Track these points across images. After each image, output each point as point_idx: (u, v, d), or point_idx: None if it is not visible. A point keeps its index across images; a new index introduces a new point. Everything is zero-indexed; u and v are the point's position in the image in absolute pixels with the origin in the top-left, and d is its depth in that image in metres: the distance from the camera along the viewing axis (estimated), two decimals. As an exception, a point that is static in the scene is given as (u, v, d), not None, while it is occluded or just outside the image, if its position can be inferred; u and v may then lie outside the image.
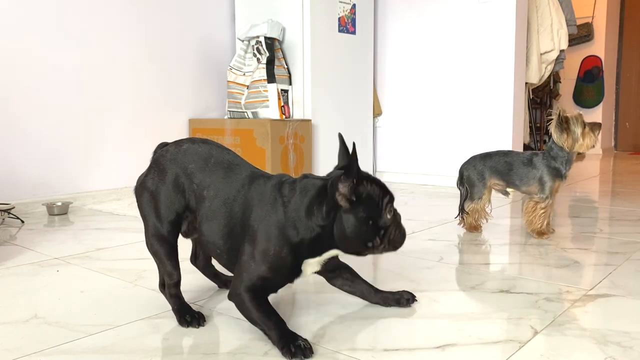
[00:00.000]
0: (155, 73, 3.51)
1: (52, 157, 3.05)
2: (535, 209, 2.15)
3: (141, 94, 3.45)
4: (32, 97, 2.96)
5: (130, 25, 3.36)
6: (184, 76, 3.68)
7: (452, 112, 3.81)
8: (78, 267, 1.83)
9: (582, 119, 2.11)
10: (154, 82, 3.51)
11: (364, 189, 1.15)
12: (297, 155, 3.42)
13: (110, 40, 3.26)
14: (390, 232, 1.19)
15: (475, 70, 3.68)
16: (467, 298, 1.50)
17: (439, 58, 3.85)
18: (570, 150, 2.10)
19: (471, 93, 3.71)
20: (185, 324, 1.30)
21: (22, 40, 2.91)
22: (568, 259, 1.89)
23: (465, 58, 3.72)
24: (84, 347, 1.19)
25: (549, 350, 1.16)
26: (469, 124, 3.73)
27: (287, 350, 1.11)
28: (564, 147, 2.10)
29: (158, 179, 1.33)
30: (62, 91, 3.07)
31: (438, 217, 2.68)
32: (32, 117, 2.96)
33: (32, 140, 2.96)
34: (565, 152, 2.12)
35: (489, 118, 3.63)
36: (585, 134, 2.09)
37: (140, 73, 3.43)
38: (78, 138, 3.15)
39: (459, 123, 3.78)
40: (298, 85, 3.58)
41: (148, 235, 1.34)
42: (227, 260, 1.28)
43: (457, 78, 3.77)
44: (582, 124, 2.09)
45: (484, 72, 3.64)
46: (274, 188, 1.22)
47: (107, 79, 3.26)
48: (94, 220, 2.68)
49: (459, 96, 3.77)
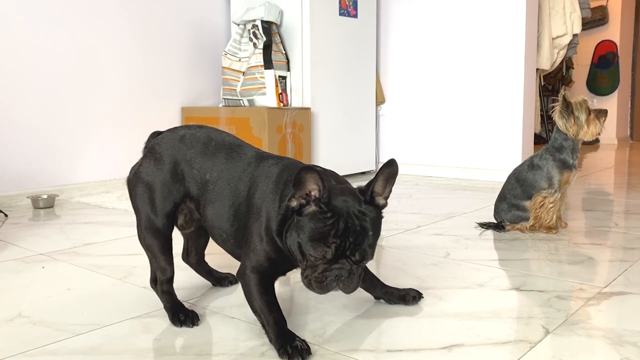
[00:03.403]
0: (146, 59, 3.49)
1: (38, 147, 3.04)
2: (544, 204, 2.15)
3: (131, 82, 3.43)
4: (16, 84, 2.94)
5: (120, 9, 3.33)
6: (176, 62, 3.67)
7: (459, 100, 3.79)
8: (65, 264, 1.83)
9: (586, 105, 2.10)
10: (144, 68, 3.49)
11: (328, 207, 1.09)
12: (295, 145, 3.41)
13: (99, 25, 3.24)
14: (313, 270, 1.11)
15: (483, 56, 3.66)
16: (475, 296, 1.49)
17: (445, 43, 3.83)
18: (575, 137, 2.10)
19: (479, 80, 3.69)
20: (178, 323, 1.29)
21: (7, 26, 2.89)
22: (581, 255, 1.88)
23: (473, 43, 3.70)
24: (70, 347, 1.19)
25: (561, 351, 1.15)
26: (476, 113, 3.72)
27: (284, 351, 1.11)
28: (568, 134, 2.10)
29: (154, 167, 1.32)
30: (49, 78, 3.05)
31: (444, 210, 2.67)
32: (17, 105, 2.95)
33: (17, 129, 2.95)
34: (570, 141, 2.12)
35: (498, 106, 3.62)
36: (590, 120, 2.09)
37: (130, 59, 3.41)
38: (65, 127, 3.14)
39: (466, 111, 3.77)
40: (297, 71, 3.56)
41: (141, 228, 1.34)
42: (235, 245, 1.28)
43: (464, 64, 3.75)
44: (587, 110, 2.09)
45: (492, 57, 3.62)
46: (285, 168, 1.23)
47: (96, 66, 3.25)
48: (82, 213, 2.68)
49: (466, 83, 3.75)
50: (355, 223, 1.09)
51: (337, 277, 1.10)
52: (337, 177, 1.23)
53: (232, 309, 1.40)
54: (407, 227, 2.30)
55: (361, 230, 1.09)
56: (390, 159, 1.13)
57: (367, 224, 1.10)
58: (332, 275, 1.10)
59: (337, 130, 3.78)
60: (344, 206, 1.09)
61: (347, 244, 1.08)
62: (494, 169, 3.61)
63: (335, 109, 3.74)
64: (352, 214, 1.09)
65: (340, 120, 3.80)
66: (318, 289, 1.11)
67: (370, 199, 1.13)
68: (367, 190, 1.13)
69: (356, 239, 1.09)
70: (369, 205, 1.12)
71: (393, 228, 2.28)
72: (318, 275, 1.10)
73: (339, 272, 1.10)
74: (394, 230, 2.25)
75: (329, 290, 1.12)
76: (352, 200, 1.11)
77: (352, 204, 1.10)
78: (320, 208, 1.09)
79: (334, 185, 1.15)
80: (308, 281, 1.12)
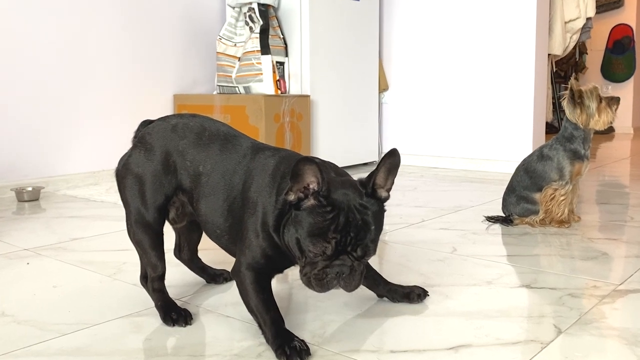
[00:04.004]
0: (136, 44, 3.48)
1: (22, 137, 3.03)
2: (554, 197, 2.15)
3: (121, 68, 3.42)
4: (0, 72, 2.94)
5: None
6: (167, 47, 3.65)
7: (467, 87, 3.78)
8: (50, 260, 1.82)
9: (597, 93, 2.11)
10: (134, 54, 3.48)
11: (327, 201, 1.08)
12: (294, 134, 3.40)
13: (87, 10, 3.22)
14: (312, 267, 1.11)
15: (492, 41, 3.65)
16: (483, 294, 1.49)
17: (452, 27, 3.82)
18: (585, 127, 2.11)
19: (488, 66, 3.68)
20: (170, 322, 1.29)
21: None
22: (595, 251, 1.88)
23: (482, 28, 3.68)
24: (56, 348, 1.19)
25: (574, 351, 1.15)
26: (485, 101, 3.71)
27: (282, 352, 1.11)
28: (578, 124, 2.11)
29: (145, 158, 1.32)
30: (34, 66, 3.04)
31: (450, 203, 2.67)
32: (1, 94, 2.95)
33: (0, 118, 2.95)
34: (580, 131, 2.12)
35: (508, 94, 3.61)
36: (601, 109, 2.09)
37: (120, 45, 3.40)
38: (51, 116, 3.13)
39: (473, 99, 3.76)
40: (295, 57, 3.55)
41: (130, 222, 1.33)
42: (229, 241, 1.28)
43: (472, 49, 3.74)
44: (598, 98, 2.09)
45: (502, 42, 3.61)
46: (282, 160, 1.22)
47: (84, 53, 3.23)
48: (68, 207, 2.67)
49: (474, 69, 3.74)
50: (356, 217, 1.08)
51: (337, 275, 1.09)
52: (336, 169, 1.22)
53: (227, 307, 1.40)
54: (411, 221, 2.30)
55: (363, 224, 1.08)
56: (392, 149, 1.12)
57: (368, 218, 1.09)
58: (332, 273, 1.09)
59: (337, 119, 3.77)
60: (344, 199, 1.09)
61: (348, 240, 1.08)
62: (503, 159, 3.61)
63: (336, 97, 3.73)
64: (353, 207, 1.08)
65: (341, 108, 3.79)
66: (318, 287, 1.11)
67: (372, 191, 1.12)
68: (368, 183, 1.12)
69: (357, 234, 1.08)
70: (371, 198, 1.11)
71: (397, 222, 2.28)
72: (318, 273, 1.10)
73: (339, 269, 1.09)
74: (398, 224, 2.25)
75: (330, 289, 1.11)
76: (353, 193, 1.10)
77: (352, 197, 1.09)
78: (320, 202, 1.08)
79: (333, 177, 1.14)
80: (307, 279, 1.11)
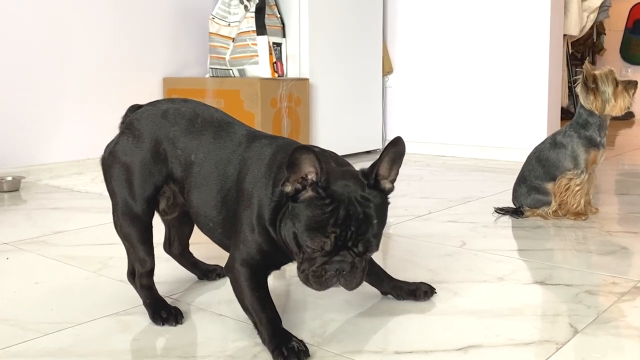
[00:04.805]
0: (123, 24, 3.46)
1: (2, 124, 3.02)
2: (569, 187, 2.14)
3: (106, 49, 3.40)
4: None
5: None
6: (156, 27, 3.63)
7: (477, 70, 3.77)
8: (32, 254, 1.82)
9: (613, 76, 2.10)
10: (121, 34, 3.46)
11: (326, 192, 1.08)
12: (291, 120, 3.39)
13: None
14: (310, 263, 1.10)
15: (505, 20, 3.63)
16: (494, 291, 1.49)
17: (461, 6, 3.80)
18: (600, 113, 2.11)
19: (499, 47, 3.67)
20: (159, 321, 1.29)
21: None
22: (614, 245, 1.88)
23: (493, 6, 3.67)
24: (38, 348, 1.18)
25: (592, 352, 1.15)
26: (496, 85, 3.70)
27: (279, 353, 1.10)
28: (593, 110, 2.10)
29: (133, 146, 1.31)
30: (13, 47, 3.02)
31: (459, 194, 2.67)
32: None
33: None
34: (596, 117, 2.12)
35: (521, 77, 3.59)
36: (617, 93, 2.08)
37: (106, 24, 3.38)
38: (32, 101, 3.12)
39: (484, 83, 3.75)
40: (293, 37, 3.54)
41: (117, 214, 1.33)
42: (223, 235, 1.28)
43: (482, 29, 3.72)
44: (614, 82, 2.09)
45: (515, 22, 3.59)
46: (279, 149, 1.22)
47: (67, 33, 3.22)
48: (51, 198, 2.67)
49: (485, 51, 3.73)
50: (357, 210, 1.08)
51: (337, 272, 1.09)
52: (337, 159, 1.21)
53: (220, 305, 1.40)
54: (417, 213, 2.30)
55: (364, 218, 1.08)
56: (396, 137, 1.11)
57: (371, 211, 1.09)
58: (332, 270, 1.09)
59: (338, 104, 3.76)
60: (344, 191, 1.08)
61: (349, 234, 1.07)
62: (515, 147, 3.60)
63: (337, 80, 3.72)
64: (354, 199, 1.08)
65: (343, 92, 3.78)
66: (316, 285, 1.10)
67: (375, 182, 1.11)
68: (370, 173, 1.11)
69: (359, 228, 1.07)
70: (373, 190, 1.11)
71: (401, 214, 2.28)
72: (316, 270, 1.09)
73: (339, 265, 1.09)
74: (403, 216, 2.25)
75: (329, 287, 1.11)
76: (354, 184, 1.10)
77: (354, 189, 1.09)
78: (318, 193, 1.07)
79: (333, 167, 1.14)
80: (305, 276, 1.11)
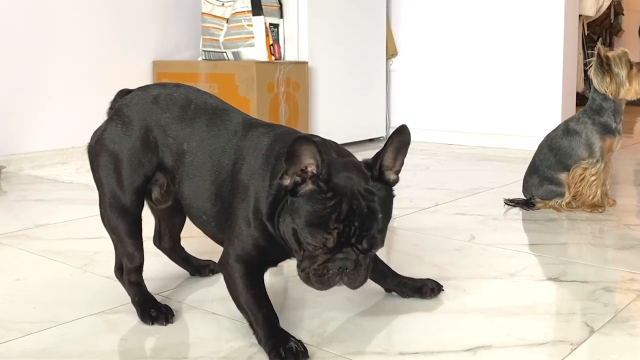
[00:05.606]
0: (110, 3, 3.45)
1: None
2: (584, 177, 2.14)
3: (91, 31, 3.39)
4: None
5: (76, -60, 3.29)
6: (145, 6, 3.62)
7: (486, 53, 3.76)
8: (13, 249, 1.82)
9: (627, 58, 2.10)
10: (109, 15, 3.45)
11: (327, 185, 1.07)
12: (289, 106, 3.39)
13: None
14: (311, 261, 1.10)
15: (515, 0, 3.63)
16: (505, 288, 1.49)
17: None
18: (615, 97, 2.11)
19: (510, 28, 3.65)
20: (148, 320, 1.29)
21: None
22: (632, 239, 1.88)
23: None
24: (20, 349, 1.18)
25: (608, 353, 1.15)
26: (507, 68, 3.69)
27: (276, 353, 1.10)
28: (607, 94, 2.11)
29: (122, 133, 1.31)
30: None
31: (467, 185, 2.67)
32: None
33: (-46, 88, 2.94)
34: (610, 102, 2.12)
35: (533, 60, 3.58)
36: (632, 76, 2.09)
37: (92, 4, 3.37)
38: (13, 86, 3.11)
39: (494, 67, 3.74)
40: (291, 18, 3.52)
41: (104, 206, 1.33)
42: (216, 228, 1.28)
43: (492, 9, 3.71)
44: (628, 64, 2.09)
45: (527, 1, 3.58)
46: (277, 139, 1.21)
47: (51, 14, 3.20)
48: (33, 189, 2.67)
49: (495, 32, 3.72)
50: (361, 204, 1.07)
51: (340, 270, 1.09)
52: (338, 149, 1.21)
53: (214, 303, 1.40)
54: (423, 206, 2.30)
55: (368, 212, 1.08)
56: (401, 126, 1.11)
57: (375, 205, 1.09)
58: (334, 268, 1.08)
59: (339, 89, 3.75)
60: (347, 184, 1.08)
61: (352, 230, 1.07)
62: (527, 135, 3.59)
63: (338, 64, 3.71)
64: (357, 193, 1.08)
65: (344, 76, 3.78)
66: (318, 284, 1.10)
67: (379, 174, 1.11)
68: (374, 164, 1.11)
69: (363, 224, 1.07)
70: (378, 182, 1.11)
71: (407, 206, 2.28)
72: (318, 268, 1.09)
73: (342, 263, 1.08)
74: (408, 209, 2.25)
75: (332, 286, 1.11)
76: (357, 176, 1.09)
77: (357, 181, 1.09)
78: (319, 187, 1.07)
79: (335, 158, 1.14)
80: (306, 275, 1.11)
